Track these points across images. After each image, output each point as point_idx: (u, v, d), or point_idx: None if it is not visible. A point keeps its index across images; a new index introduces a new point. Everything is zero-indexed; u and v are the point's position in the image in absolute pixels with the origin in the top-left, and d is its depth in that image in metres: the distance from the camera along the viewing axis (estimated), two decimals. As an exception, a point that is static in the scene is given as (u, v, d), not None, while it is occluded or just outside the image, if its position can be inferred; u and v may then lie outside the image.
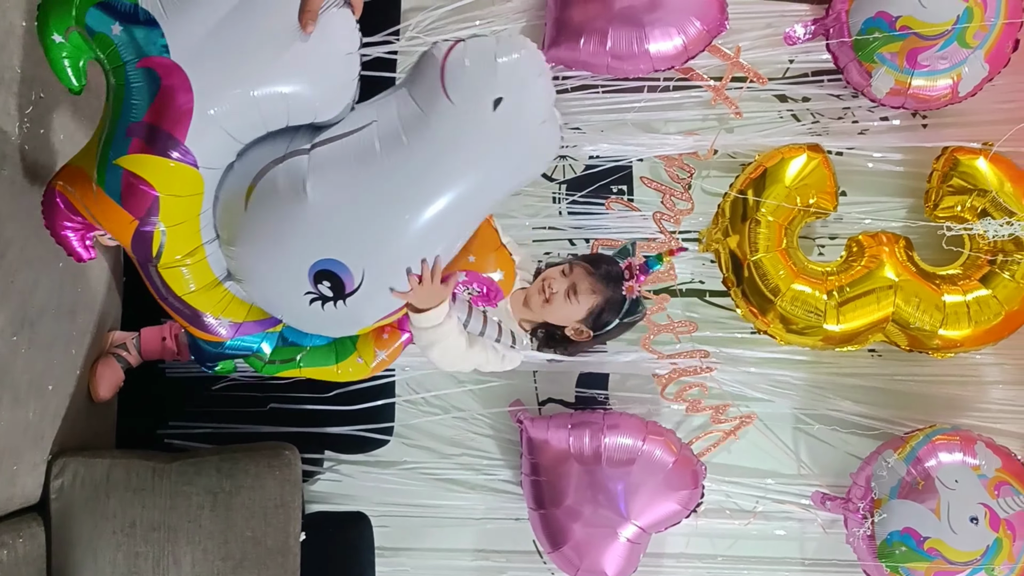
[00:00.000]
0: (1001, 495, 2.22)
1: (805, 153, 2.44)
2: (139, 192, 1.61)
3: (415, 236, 1.63)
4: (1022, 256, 2.36)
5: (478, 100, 1.55)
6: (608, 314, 2.00)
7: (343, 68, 1.64)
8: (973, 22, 2.25)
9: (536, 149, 1.65)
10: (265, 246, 1.67)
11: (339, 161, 1.61)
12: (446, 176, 1.59)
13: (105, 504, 2.02)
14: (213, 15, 1.57)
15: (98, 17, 1.59)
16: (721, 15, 2.40)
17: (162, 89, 1.56)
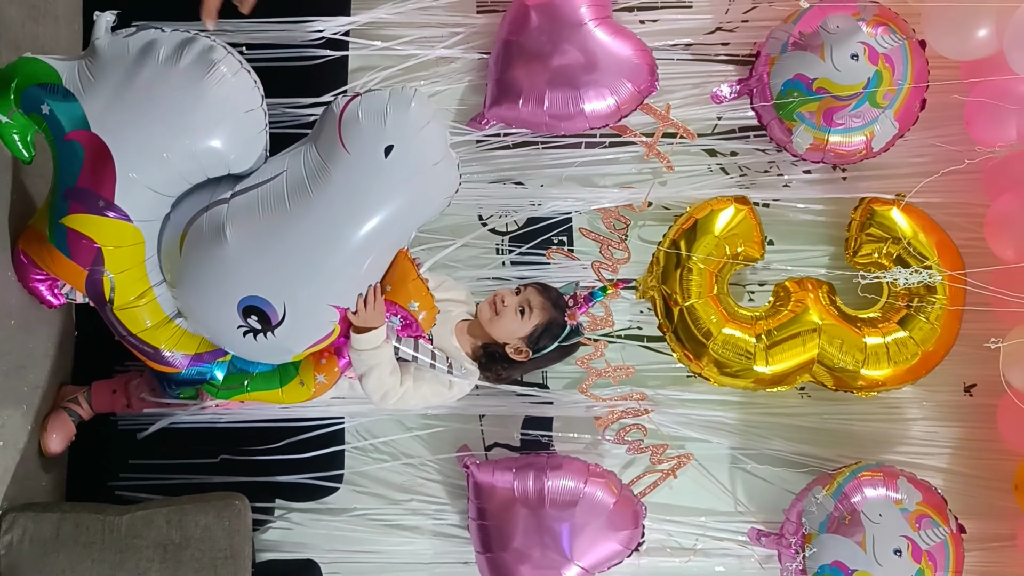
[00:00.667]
0: (922, 528, 2.33)
1: (733, 205, 2.56)
2: (83, 246, 1.84)
3: (328, 271, 1.82)
4: (935, 300, 2.51)
5: (371, 149, 1.74)
6: (547, 337, 2.18)
7: (247, 125, 1.84)
8: (882, 85, 2.40)
9: (433, 187, 1.85)
10: (199, 287, 1.88)
11: (253, 209, 1.81)
12: (349, 218, 1.78)
13: (54, 560, 2.03)
14: (125, 91, 1.78)
15: (31, 98, 1.80)
16: (651, 77, 2.54)
17: (87, 157, 1.78)
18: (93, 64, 1.80)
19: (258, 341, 1.88)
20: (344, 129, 1.75)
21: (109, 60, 1.79)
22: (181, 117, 1.77)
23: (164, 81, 1.76)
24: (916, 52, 2.46)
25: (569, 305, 2.19)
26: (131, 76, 1.77)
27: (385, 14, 2.62)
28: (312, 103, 2.56)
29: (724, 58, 2.72)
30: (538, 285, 2.21)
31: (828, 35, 2.43)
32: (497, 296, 2.18)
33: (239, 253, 1.80)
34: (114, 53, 1.79)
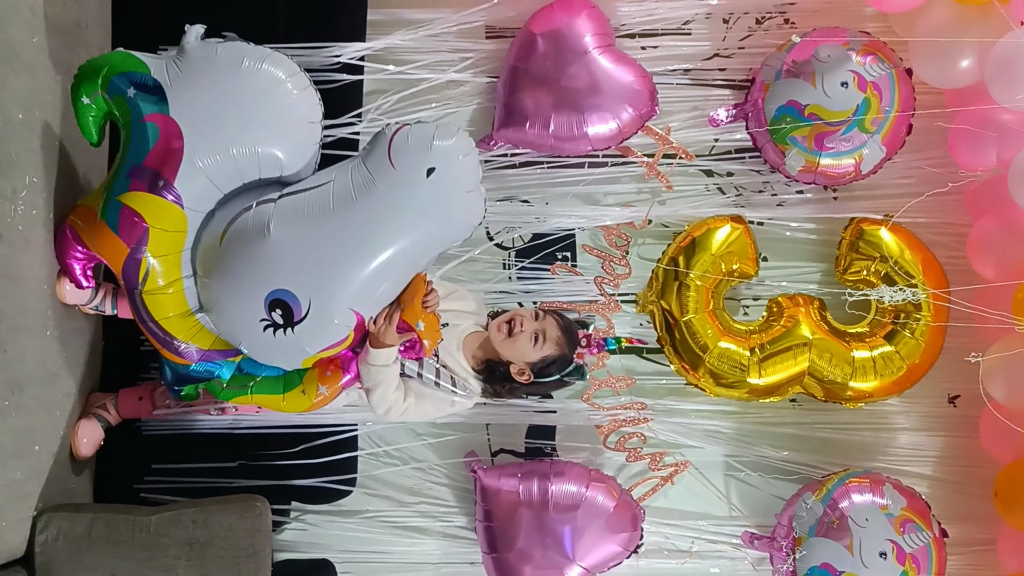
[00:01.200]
0: (906, 532, 2.44)
1: (729, 224, 2.68)
2: (133, 224, 1.99)
3: (356, 277, 1.96)
4: (920, 316, 2.63)
5: (415, 168, 1.94)
6: (554, 367, 2.30)
7: (306, 133, 2.06)
8: (870, 111, 2.52)
9: (463, 213, 2.01)
10: (232, 276, 2.00)
11: (299, 209, 1.97)
12: (386, 227, 1.94)
13: (87, 557, 2.14)
14: (208, 86, 1.99)
15: (119, 82, 2.01)
16: (651, 102, 2.65)
17: (161, 138, 1.97)
18: (181, 61, 2.01)
19: (276, 337, 1.99)
20: (394, 149, 1.94)
21: (198, 59, 2.00)
22: (253, 117, 1.99)
23: (244, 84, 1.99)
24: (903, 80, 2.58)
25: (582, 344, 2.32)
26: (216, 75, 1.99)
27: (399, 40, 2.73)
28: (330, 124, 2.67)
29: (721, 83, 2.84)
30: (558, 317, 2.31)
31: (819, 64, 2.55)
32: (516, 318, 2.28)
33: (279, 246, 1.94)
34: (203, 55, 2.00)
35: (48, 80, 2.20)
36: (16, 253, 2.06)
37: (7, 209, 2.04)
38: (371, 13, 2.75)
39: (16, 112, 2.06)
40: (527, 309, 2.34)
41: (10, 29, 2.06)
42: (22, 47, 2.10)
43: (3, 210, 2.02)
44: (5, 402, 2.02)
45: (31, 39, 2.14)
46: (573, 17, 2.62)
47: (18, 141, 2.06)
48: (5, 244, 2.02)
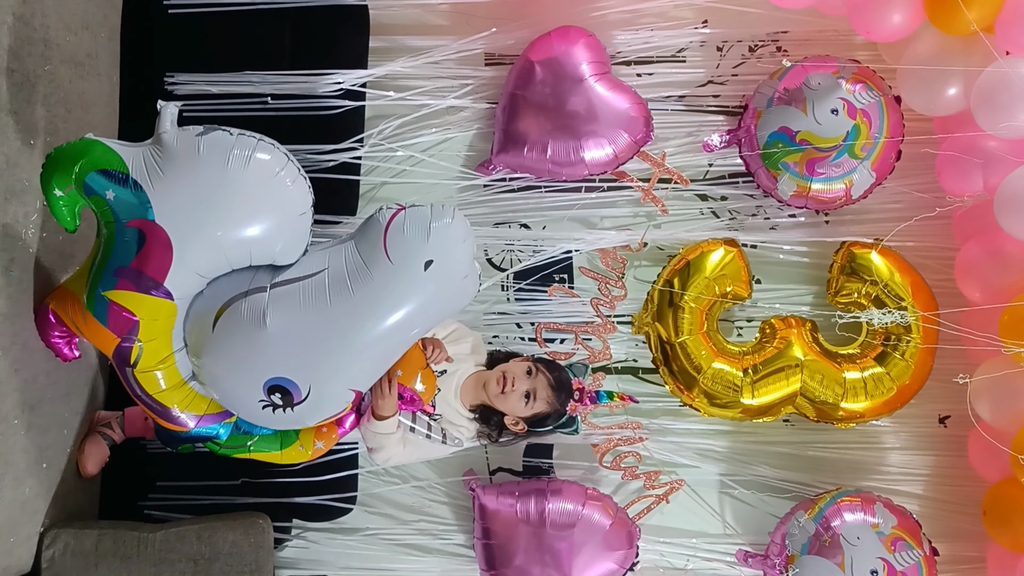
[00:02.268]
0: (897, 550, 2.47)
1: (722, 247, 2.72)
2: (122, 318, 1.92)
3: (355, 361, 1.95)
4: (910, 338, 2.67)
5: (413, 261, 1.87)
6: (548, 421, 2.36)
7: (298, 225, 1.95)
8: (860, 137, 2.57)
9: (458, 296, 2.00)
10: (228, 362, 1.97)
11: (295, 300, 1.90)
12: (382, 318, 1.90)
13: (94, 572, 2.19)
14: (194, 188, 1.85)
15: (96, 182, 1.86)
16: (647, 128, 2.71)
17: (147, 245, 1.86)
18: (161, 156, 1.86)
19: (275, 415, 1.99)
20: (389, 239, 1.87)
21: (178, 155, 1.85)
22: (243, 215, 1.87)
23: (232, 182, 1.84)
24: (892, 107, 2.63)
25: (575, 397, 2.35)
26: (201, 175, 1.84)
27: (400, 67, 2.79)
28: (332, 149, 2.74)
29: (715, 109, 2.90)
30: (551, 375, 2.34)
31: (810, 91, 2.60)
32: (508, 375, 2.31)
33: (277, 338, 1.89)
34: (184, 149, 1.85)
35: (60, 110, 2.27)
36: (28, 276, 2.13)
37: (19, 233, 2.10)
38: (373, 40, 2.81)
39: (29, 140, 2.13)
40: (521, 363, 2.35)
41: (25, 61, 2.13)
42: (36, 78, 2.17)
43: (15, 234, 2.09)
44: (15, 421, 2.08)
45: (44, 69, 2.21)
46: (570, 45, 2.68)
47: (30, 168, 2.12)
48: (18, 267, 2.09)
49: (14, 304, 2.07)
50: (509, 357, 2.42)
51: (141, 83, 2.71)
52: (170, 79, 2.74)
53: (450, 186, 2.87)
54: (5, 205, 2.05)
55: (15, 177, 2.09)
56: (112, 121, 2.64)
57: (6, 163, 2.05)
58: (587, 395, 2.41)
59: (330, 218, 2.73)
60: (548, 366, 2.38)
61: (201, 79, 2.74)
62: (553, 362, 2.47)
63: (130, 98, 2.68)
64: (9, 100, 2.06)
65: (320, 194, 2.68)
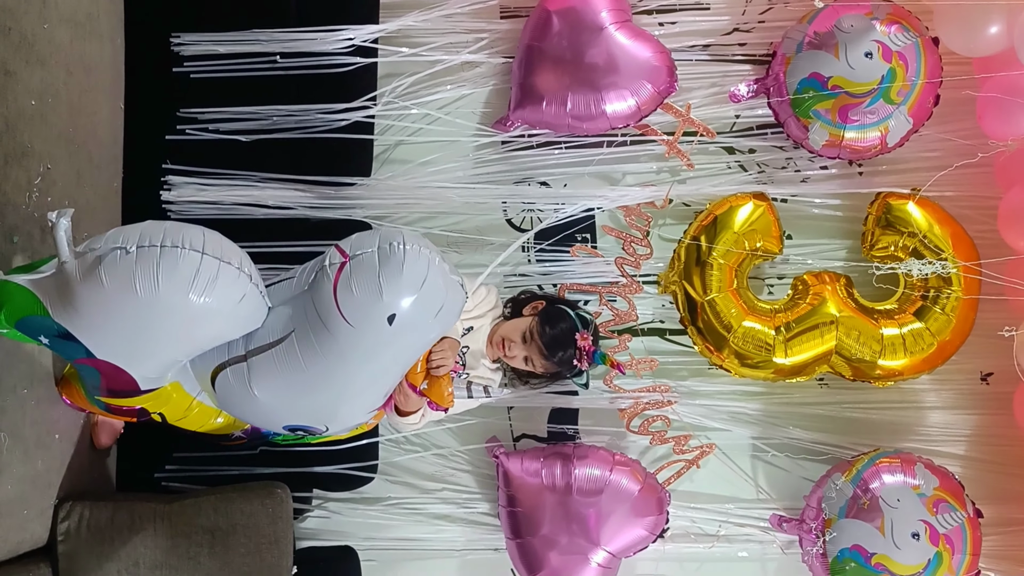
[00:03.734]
0: (939, 512, 2.40)
1: (751, 201, 2.63)
2: (125, 412, 1.98)
3: (357, 399, 1.95)
4: (950, 291, 2.57)
5: (374, 322, 1.73)
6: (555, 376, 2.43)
7: (243, 309, 1.78)
8: (896, 81, 2.46)
9: (440, 326, 1.87)
10: (241, 414, 2.01)
11: (272, 368, 1.85)
12: (364, 371, 1.86)
13: (109, 546, 2.15)
14: (113, 321, 1.73)
15: (27, 328, 1.79)
16: (670, 78, 2.61)
17: (103, 375, 1.82)
18: (70, 295, 1.71)
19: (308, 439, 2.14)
20: (341, 302, 1.73)
21: (87, 293, 1.70)
22: (177, 330, 1.76)
23: (150, 306, 1.69)
24: (929, 49, 2.52)
25: (576, 357, 2.33)
26: (116, 308, 1.70)
27: (412, 21, 2.70)
28: (344, 108, 2.66)
29: (741, 58, 2.79)
30: (543, 345, 2.33)
31: (842, 34, 2.49)
32: (506, 341, 2.37)
33: (270, 403, 1.89)
34: (88, 283, 1.69)
35: (60, 71, 2.20)
36: (33, 243, 2.07)
37: (22, 199, 2.04)
38: (384, -6, 2.73)
39: (29, 102, 2.07)
40: (521, 323, 2.38)
41: (22, 20, 2.06)
42: (34, 37, 2.10)
43: (18, 200, 2.03)
44: (24, 391, 2.04)
45: (43, 27, 2.13)
46: (589, -7, 2.58)
47: (31, 131, 2.07)
48: (21, 234, 2.03)
49: (17, 272, 2.01)
50: (526, 303, 2.46)
51: (147, 45, 2.65)
52: (176, 40, 2.67)
53: (467, 144, 2.79)
54: (5, 170, 1.99)
55: (15, 141, 2.03)
56: (118, 84, 2.57)
57: (5, 126, 1.99)
58: (586, 355, 2.34)
59: (345, 179, 2.67)
60: (544, 328, 2.34)
61: (208, 39, 2.67)
62: (558, 313, 2.40)
63: (136, 61, 2.62)
64: (6, 60, 1.99)
65: (333, 155, 2.69)
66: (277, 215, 2.64)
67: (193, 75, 2.66)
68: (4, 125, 1.98)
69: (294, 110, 2.66)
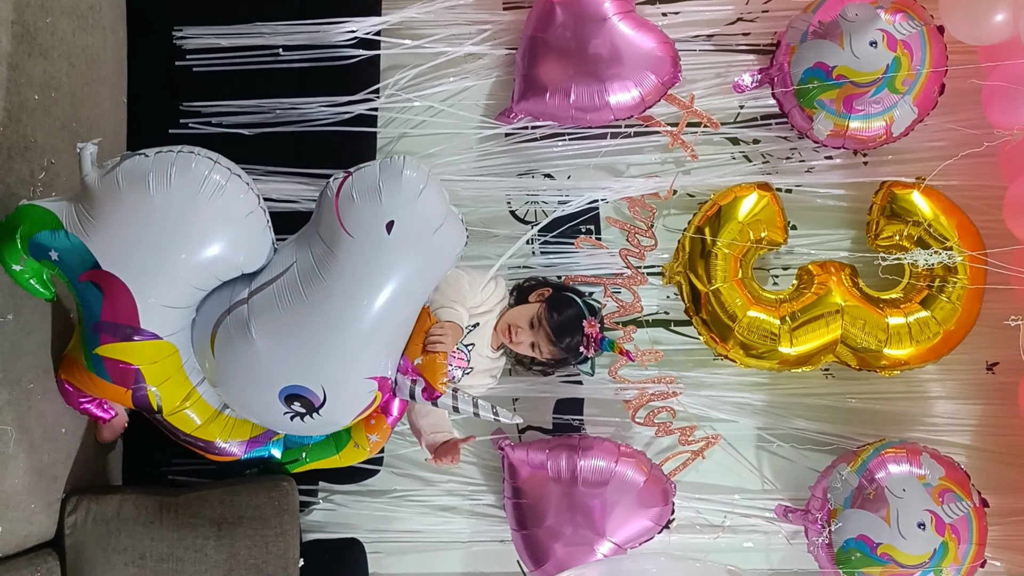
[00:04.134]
0: (945, 502, 2.39)
1: (756, 192, 2.62)
2: (120, 370, 1.92)
3: (355, 348, 1.88)
4: (956, 280, 2.56)
5: (372, 229, 1.76)
6: (560, 363, 2.42)
7: (249, 227, 1.87)
8: (901, 71, 2.45)
9: (440, 250, 1.87)
10: (238, 384, 1.96)
11: (272, 304, 1.86)
12: (365, 296, 1.81)
13: (116, 538, 2.15)
14: (125, 225, 1.81)
15: (38, 245, 1.85)
16: (674, 68, 2.60)
17: (105, 295, 1.84)
18: (88, 203, 1.82)
19: (306, 422, 1.97)
20: (342, 213, 1.77)
21: (103, 197, 1.80)
22: (185, 238, 1.80)
23: (160, 208, 1.78)
24: (934, 38, 2.50)
25: (583, 343, 2.33)
26: (128, 209, 1.79)
27: (415, 13, 2.69)
28: (347, 101, 2.66)
29: (745, 48, 2.78)
30: (550, 332, 2.32)
31: (847, 23, 2.48)
32: (513, 327, 2.36)
33: (268, 349, 1.85)
34: (106, 187, 1.80)
35: (63, 63, 2.20)
36: (36, 236, 2.07)
37: (26, 192, 2.04)
38: (387, -13, 2.72)
39: (32, 95, 2.07)
40: (528, 309, 2.37)
41: (24, 11, 2.05)
42: (36, 30, 2.10)
43: (22, 193, 2.02)
44: (30, 385, 2.04)
45: (45, 21, 2.13)
46: (591, -16, 2.57)
47: (35, 124, 2.07)
48: (26, 227, 2.03)
49: (23, 265, 2.01)
50: (531, 289, 2.45)
51: (150, 38, 2.65)
52: (178, 33, 2.67)
53: (470, 136, 2.78)
54: (9, 163, 1.99)
55: (19, 133, 2.03)
56: (120, 77, 2.57)
57: (8, 119, 1.98)
58: (593, 342, 2.35)
59: (348, 173, 2.66)
60: (552, 315, 2.34)
61: (210, 32, 2.67)
62: (565, 300, 2.40)
63: (139, 53, 2.62)
64: (9, 53, 1.99)
65: (336, 148, 2.68)
66: (280, 208, 2.63)
67: (196, 68, 2.66)
68: (7, 118, 1.98)
69: (297, 103, 2.65)
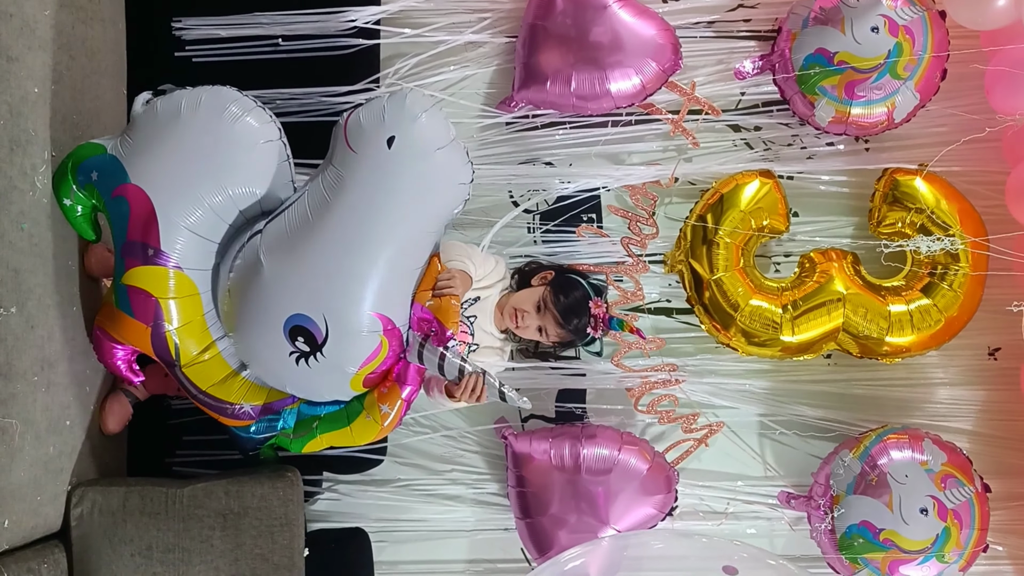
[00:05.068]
0: (947, 487, 2.40)
1: (758, 179, 2.61)
2: (142, 301, 2.01)
3: (356, 275, 1.92)
4: (958, 267, 2.56)
5: (374, 143, 1.89)
6: (568, 344, 2.43)
7: (267, 154, 2.00)
8: (903, 56, 2.44)
9: (442, 173, 1.94)
10: (248, 319, 2.01)
11: (282, 230, 1.97)
12: (366, 215, 1.89)
13: (123, 529, 2.16)
14: (155, 143, 1.99)
15: (83, 170, 2.03)
16: (675, 55, 2.59)
17: (132, 209, 1.98)
18: (131, 131, 2.03)
19: (312, 367, 2.00)
20: (349, 134, 1.92)
21: (143, 124, 2.02)
22: (206, 155, 1.96)
23: (187, 127, 1.97)
24: (936, 23, 2.49)
25: (591, 324, 2.34)
26: (159, 129, 1.99)
27: (414, 2, 2.68)
28: (347, 91, 2.65)
29: (746, 34, 2.77)
30: (557, 314, 2.32)
31: (848, 9, 2.47)
32: (519, 310, 2.35)
33: (274, 274, 1.94)
34: (147, 119, 2.01)
35: (63, 56, 2.19)
36: (40, 230, 2.07)
37: (27, 186, 2.03)
38: (385, -25, 2.71)
39: (32, 88, 2.06)
40: (534, 292, 2.37)
41: (24, 5, 2.04)
42: (36, 22, 2.09)
43: (23, 187, 2.02)
44: (35, 378, 2.04)
45: (44, 14, 2.12)
46: (592, -29, 2.56)
47: (35, 117, 2.05)
48: (29, 221, 2.03)
49: (27, 258, 2.01)
50: (533, 273, 2.45)
51: (149, 29, 2.64)
52: (177, 24, 2.66)
53: (471, 125, 2.76)
54: (11, 156, 1.98)
55: (19, 127, 2.01)
56: (120, 68, 2.56)
57: (9, 112, 1.97)
58: (602, 322, 2.35)
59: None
60: (558, 297, 2.34)
61: (209, 23, 2.66)
62: (570, 281, 2.40)
63: (138, 44, 2.62)
64: (8, 46, 1.98)
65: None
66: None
67: (195, 59, 2.65)
68: (8, 111, 1.97)
69: (297, 93, 2.64)
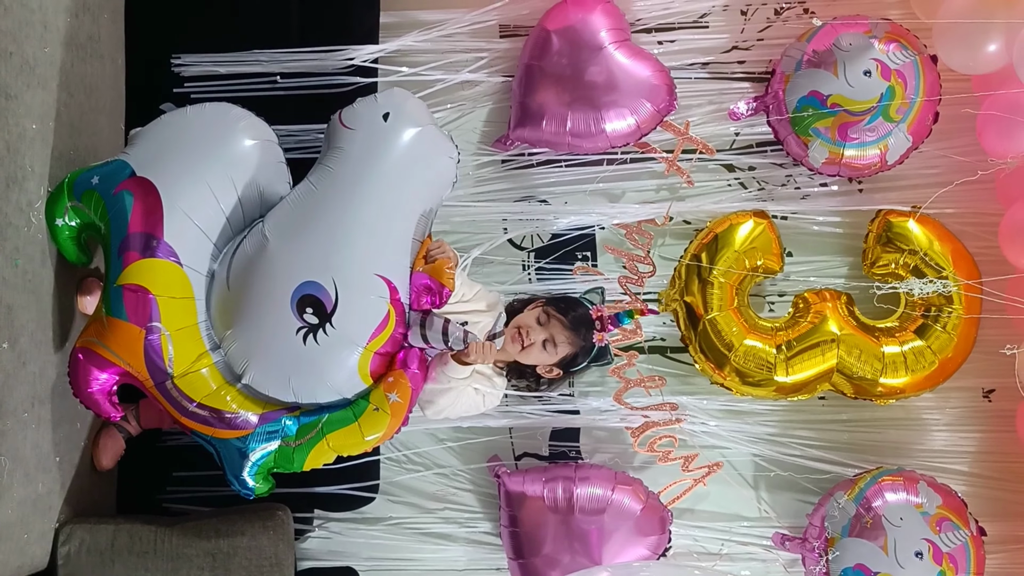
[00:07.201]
0: (943, 530, 2.39)
1: (752, 219, 2.63)
2: (138, 299, 1.95)
3: (362, 236, 2.00)
4: (951, 309, 2.56)
5: (371, 119, 2.05)
6: (579, 359, 2.29)
7: (269, 150, 2.11)
8: (895, 99, 2.47)
9: (434, 146, 2.10)
10: (254, 304, 1.99)
11: (286, 207, 2.07)
12: (368, 178, 2.01)
13: (111, 569, 2.14)
14: (161, 139, 2.09)
15: (81, 183, 2.06)
16: (670, 96, 2.61)
17: (136, 200, 1.99)
18: (135, 139, 2.13)
19: (320, 344, 1.93)
20: (345, 118, 2.07)
21: (147, 130, 2.12)
22: (211, 144, 2.06)
23: (192, 121, 2.09)
24: (928, 67, 2.52)
25: (597, 328, 2.27)
26: (165, 127, 2.11)
27: (412, 41, 2.72)
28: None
29: (740, 76, 2.80)
30: (561, 316, 2.26)
31: (841, 52, 2.50)
32: (522, 329, 2.24)
33: (280, 245, 1.99)
34: (155, 124, 2.12)
35: (62, 94, 2.20)
36: (34, 266, 2.07)
37: (23, 221, 2.04)
38: (384, 15, 2.73)
39: (30, 124, 2.06)
40: (531, 312, 2.28)
41: (24, 43, 2.06)
42: (36, 61, 2.10)
43: (19, 223, 2.02)
44: (25, 414, 2.03)
45: (44, 51, 2.14)
46: (588, 13, 2.59)
47: (32, 154, 2.06)
48: (24, 257, 2.03)
49: (21, 295, 2.01)
50: (525, 305, 2.35)
51: (147, 66, 2.66)
52: (177, 61, 2.68)
53: (467, 163, 2.77)
54: (7, 193, 1.98)
55: (16, 164, 2.02)
56: (118, 105, 2.57)
57: (6, 149, 1.98)
58: (608, 321, 2.30)
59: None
60: (560, 307, 2.29)
61: (208, 59, 2.68)
62: (567, 298, 2.38)
63: (137, 81, 2.63)
64: (7, 84, 1.99)
65: None
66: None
67: (194, 96, 2.67)
68: (5, 148, 1.98)
69: (295, 130, 2.65)
